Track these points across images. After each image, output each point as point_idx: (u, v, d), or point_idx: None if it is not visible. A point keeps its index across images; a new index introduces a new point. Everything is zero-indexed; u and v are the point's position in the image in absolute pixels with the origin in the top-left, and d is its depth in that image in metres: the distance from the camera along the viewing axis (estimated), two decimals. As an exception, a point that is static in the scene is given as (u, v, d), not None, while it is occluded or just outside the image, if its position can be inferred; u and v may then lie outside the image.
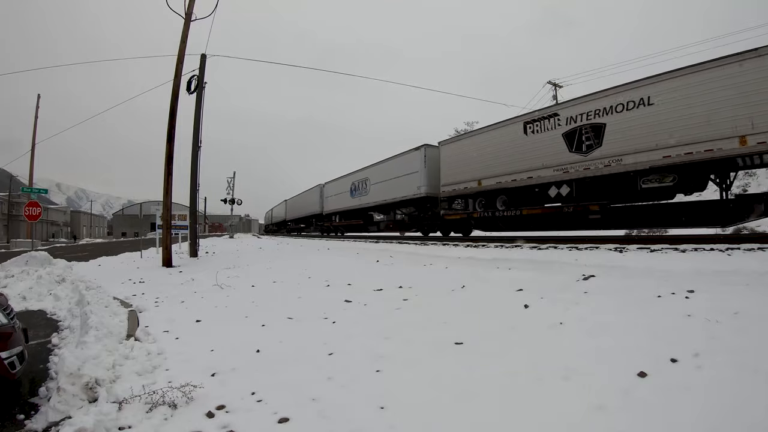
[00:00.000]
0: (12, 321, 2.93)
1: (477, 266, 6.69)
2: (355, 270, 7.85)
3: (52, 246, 28.48)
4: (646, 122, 9.80)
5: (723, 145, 8.57)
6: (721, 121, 8.60)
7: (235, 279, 7.96)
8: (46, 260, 8.81)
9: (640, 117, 9.89)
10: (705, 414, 1.95)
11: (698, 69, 9.11)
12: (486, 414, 2.22)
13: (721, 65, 8.70)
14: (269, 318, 4.67)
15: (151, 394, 2.57)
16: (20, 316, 3.98)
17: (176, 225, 15.64)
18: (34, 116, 29.24)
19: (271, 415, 2.37)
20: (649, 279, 4.34)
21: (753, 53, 8.32)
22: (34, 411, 2.66)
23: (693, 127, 8.99)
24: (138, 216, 71.48)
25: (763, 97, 8.03)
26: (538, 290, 4.42)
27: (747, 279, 3.88)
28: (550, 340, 3.09)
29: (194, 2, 11.83)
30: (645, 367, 2.41)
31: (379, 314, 4.44)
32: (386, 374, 2.84)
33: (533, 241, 9.90)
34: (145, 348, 3.63)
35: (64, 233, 62.45)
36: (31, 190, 20.78)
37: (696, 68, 9.16)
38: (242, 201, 39.47)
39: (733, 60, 8.53)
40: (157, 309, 5.50)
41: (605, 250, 7.26)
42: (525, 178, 12.55)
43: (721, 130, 8.60)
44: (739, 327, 2.75)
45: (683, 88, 9.25)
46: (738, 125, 8.35)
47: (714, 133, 8.68)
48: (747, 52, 8.41)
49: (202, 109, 13.46)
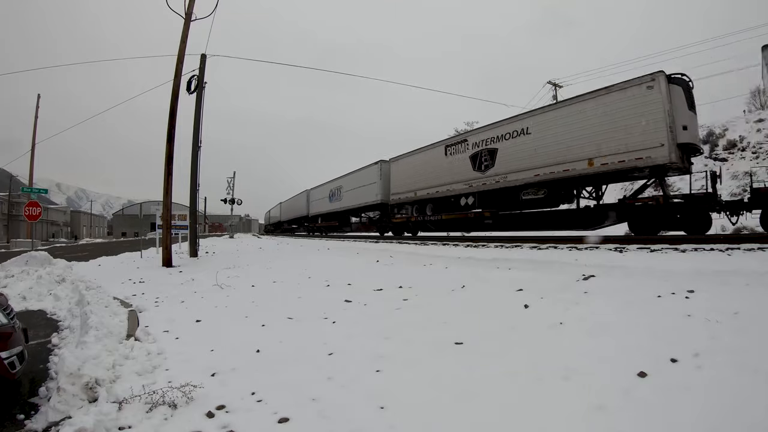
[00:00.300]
0: (12, 321, 2.93)
1: (477, 266, 6.69)
2: (355, 270, 7.85)
3: (52, 246, 28.48)
4: (525, 148, 12.51)
5: (576, 166, 11.01)
6: (577, 147, 10.97)
7: (235, 279, 7.96)
8: (46, 260, 8.81)
9: (521, 143, 12.65)
10: (705, 414, 1.95)
11: (561, 105, 11.82)
12: (486, 414, 2.22)
13: (578, 102, 11.18)
14: (269, 318, 4.67)
15: (151, 394, 2.57)
16: (20, 316, 3.98)
17: (176, 225, 15.63)
18: (34, 116, 29.25)
19: (271, 415, 2.37)
20: (649, 279, 4.34)
21: (603, 91, 10.55)
22: (34, 411, 2.65)
23: (557, 151, 11.45)
24: (138, 216, 71.46)
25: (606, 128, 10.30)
26: (538, 290, 4.42)
27: (747, 279, 3.88)
28: (550, 340, 3.09)
29: (194, 2, 11.84)
30: (645, 367, 2.41)
31: (379, 314, 4.44)
32: (386, 374, 2.84)
33: (532, 241, 9.93)
34: (145, 348, 3.63)
35: (64, 233, 62.46)
36: (31, 190, 20.79)
37: (560, 104, 11.94)
38: (242, 201, 39.51)
39: (588, 97, 10.87)
40: (157, 309, 5.50)
41: (605, 250, 7.26)
42: (445, 190, 15.81)
43: (576, 154, 10.97)
44: (739, 327, 2.75)
45: (551, 120, 11.74)
46: (587, 151, 10.69)
47: (571, 156, 11.08)
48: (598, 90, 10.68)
49: (202, 109, 13.46)
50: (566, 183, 11.60)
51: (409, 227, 19.01)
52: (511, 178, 12.95)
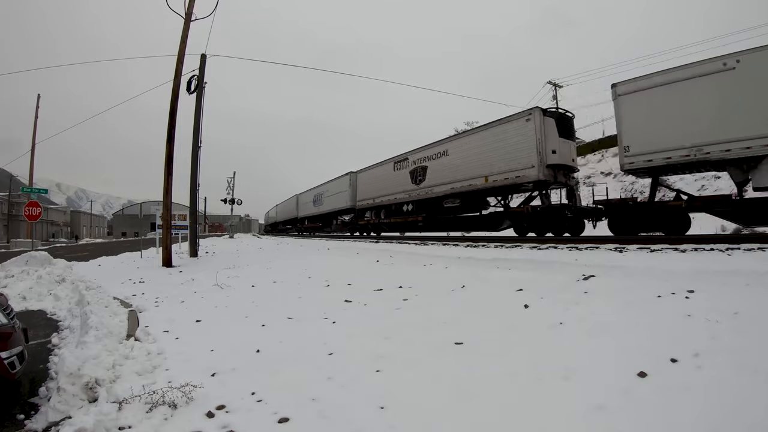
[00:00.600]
0: (12, 321, 2.93)
1: (477, 266, 6.69)
2: (355, 270, 7.85)
3: (52, 246, 28.48)
4: (445, 166, 15.88)
5: (477, 181, 14.18)
6: (477, 167, 14.07)
7: (235, 279, 7.96)
8: (46, 260, 8.81)
9: (443, 163, 16.07)
10: (705, 414, 1.95)
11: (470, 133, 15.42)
12: (486, 414, 2.22)
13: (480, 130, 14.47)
14: (269, 318, 4.68)
15: (151, 394, 2.56)
16: (20, 316, 3.98)
17: (176, 225, 15.63)
18: (34, 116, 29.27)
19: (271, 415, 2.37)
20: (649, 279, 4.34)
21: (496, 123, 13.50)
22: (34, 411, 2.65)
23: (466, 169, 14.65)
24: (138, 216, 71.48)
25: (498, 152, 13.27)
26: (538, 290, 4.42)
27: (747, 279, 3.87)
28: (550, 340, 3.09)
29: (194, 2, 11.84)
30: (645, 367, 2.41)
31: (379, 314, 4.44)
32: (386, 374, 2.84)
33: (532, 242, 9.94)
34: (145, 348, 3.63)
35: (64, 233, 62.46)
36: (31, 190, 20.78)
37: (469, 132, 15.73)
38: (242, 201, 39.56)
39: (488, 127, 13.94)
40: (157, 309, 5.50)
41: (605, 250, 7.26)
42: (393, 199, 19.59)
43: (477, 172, 14.12)
44: (739, 327, 2.75)
45: (463, 145, 15.12)
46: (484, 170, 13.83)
47: (474, 174, 14.26)
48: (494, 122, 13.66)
49: (202, 109, 13.46)
50: (473, 194, 14.74)
51: (369, 228, 23.09)
52: (436, 190, 16.43)
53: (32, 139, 28.70)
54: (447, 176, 15.72)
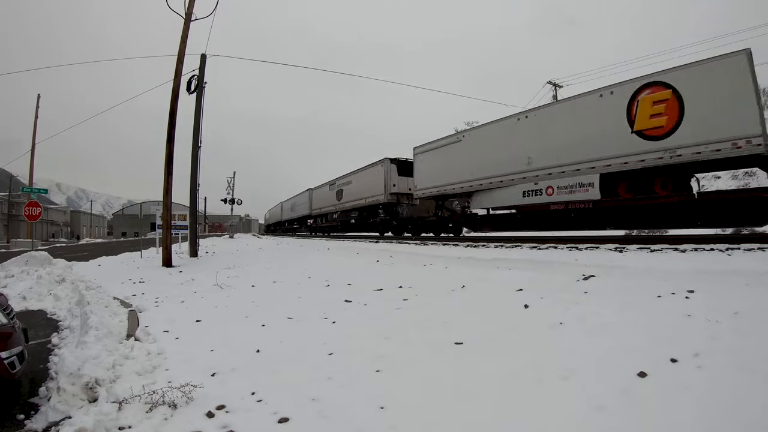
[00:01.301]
0: (12, 321, 2.93)
1: (477, 266, 6.69)
2: (355, 270, 7.86)
3: (52, 246, 28.48)
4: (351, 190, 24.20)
5: (360, 202, 22.57)
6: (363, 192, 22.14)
7: (235, 279, 7.97)
8: (46, 260, 8.80)
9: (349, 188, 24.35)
10: (705, 414, 1.95)
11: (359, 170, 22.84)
12: (486, 414, 2.22)
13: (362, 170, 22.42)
14: (269, 318, 4.68)
15: (151, 394, 2.56)
16: (20, 316, 3.98)
17: (176, 225, 15.62)
18: (34, 116, 29.25)
19: (271, 415, 2.37)
20: (649, 279, 4.34)
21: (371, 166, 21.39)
22: (34, 411, 2.65)
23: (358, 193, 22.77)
24: (138, 216, 71.49)
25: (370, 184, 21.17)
26: (538, 290, 4.43)
27: (747, 279, 3.87)
28: (550, 340, 3.09)
29: (194, 2, 11.84)
30: (645, 367, 2.41)
31: (379, 314, 4.44)
32: (386, 374, 2.84)
33: (531, 242, 9.94)
34: (145, 348, 3.63)
35: (64, 233, 62.46)
36: (31, 190, 20.80)
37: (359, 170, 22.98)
38: (242, 201, 39.68)
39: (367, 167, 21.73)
40: (157, 309, 5.50)
41: (605, 250, 7.26)
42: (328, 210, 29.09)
43: (362, 195, 22.12)
44: (739, 327, 2.75)
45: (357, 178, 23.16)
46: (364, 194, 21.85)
47: (361, 196, 22.32)
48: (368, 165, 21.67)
49: (202, 109, 13.46)
50: (363, 209, 22.85)
51: (315, 229, 33.45)
52: (347, 205, 25.17)
53: (32, 139, 28.71)
54: (352, 196, 24.17)
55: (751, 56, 8.18)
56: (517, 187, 12.60)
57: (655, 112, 9.39)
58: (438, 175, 15.71)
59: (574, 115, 11.04)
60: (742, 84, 8.25)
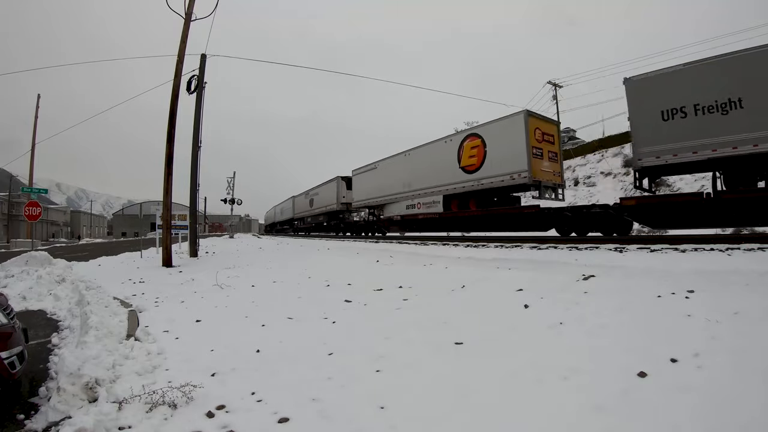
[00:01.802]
0: (12, 321, 2.93)
1: (477, 266, 6.69)
2: (355, 270, 7.86)
3: (52, 246, 28.48)
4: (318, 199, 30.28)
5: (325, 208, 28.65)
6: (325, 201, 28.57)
7: (235, 279, 7.96)
8: (46, 260, 8.80)
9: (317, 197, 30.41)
10: (705, 414, 1.95)
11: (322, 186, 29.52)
12: (486, 414, 2.22)
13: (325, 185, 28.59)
14: (269, 318, 4.68)
15: (151, 394, 2.56)
16: (20, 316, 3.98)
17: (176, 225, 15.63)
18: (34, 116, 29.25)
19: (271, 415, 2.37)
20: (649, 279, 4.34)
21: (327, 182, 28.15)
22: (34, 411, 2.65)
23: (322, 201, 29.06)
24: (138, 216, 71.51)
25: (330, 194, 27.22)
26: (538, 290, 4.42)
27: (747, 279, 3.88)
28: (550, 340, 3.09)
29: (194, 2, 11.84)
30: (645, 367, 2.41)
31: (379, 314, 4.44)
32: (386, 374, 2.84)
33: (531, 242, 9.94)
34: (145, 348, 3.63)
35: (64, 233, 62.46)
36: (31, 190, 20.78)
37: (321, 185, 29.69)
38: (242, 201, 39.74)
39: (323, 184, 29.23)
40: (157, 309, 5.50)
41: (605, 250, 7.26)
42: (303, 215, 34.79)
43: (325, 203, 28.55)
44: (739, 327, 2.75)
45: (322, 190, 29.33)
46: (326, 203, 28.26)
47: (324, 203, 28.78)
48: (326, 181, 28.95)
49: (202, 109, 13.46)
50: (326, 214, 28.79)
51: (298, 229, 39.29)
52: (316, 212, 30.89)
53: (32, 139, 28.71)
54: (318, 204, 30.06)
55: (527, 116, 12.42)
56: (401, 203, 18.53)
57: (471, 154, 14.29)
58: (365, 192, 21.89)
59: (431, 154, 16.35)
60: (519, 136, 12.41)
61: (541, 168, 12.51)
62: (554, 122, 13.75)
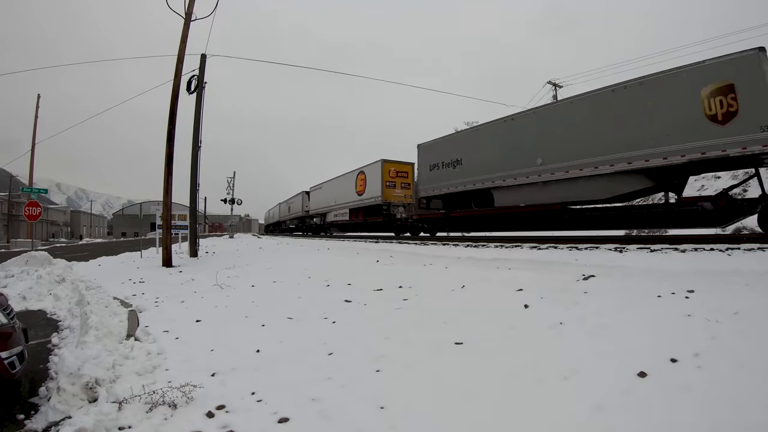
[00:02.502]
0: (12, 321, 2.93)
1: (477, 266, 6.68)
2: (355, 270, 7.85)
3: (52, 246, 28.48)
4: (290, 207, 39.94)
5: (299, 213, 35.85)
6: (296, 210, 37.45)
7: (235, 279, 7.97)
8: (46, 260, 8.80)
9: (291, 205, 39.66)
10: (705, 414, 1.95)
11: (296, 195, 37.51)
12: (486, 414, 2.22)
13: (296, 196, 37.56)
14: (269, 318, 4.68)
15: (151, 394, 2.56)
16: (20, 316, 3.98)
17: (176, 225, 15.63)
18: (34, 116, 29.25)
19: (271, 415, 2.37)
20: (649, 279, 4.33)
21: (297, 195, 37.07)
22: (34, 411, 2.65)
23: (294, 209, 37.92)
24: (138, 216, 71.50)
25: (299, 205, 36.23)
26: (538, 290, 4.42)
27: (747, 279, 3.87)
28: (550, 340, 3.09)
29: (194, 2, 11.84)
30: (645, 367, 2.41)
31: (379, 314, 4.44)
32: (386, 374, 2.84)
33: (531, 241, 9.95)
34: (145, 348, 3.63)
35: (64, 233, 62.47)
36: (31, 190, 20.78)
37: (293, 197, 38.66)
38: (242, 201, 39.77)
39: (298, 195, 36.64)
40: (157, 309, 5.50)
41: (605, 250, 7.25)
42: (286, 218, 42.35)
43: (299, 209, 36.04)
44: (739, 327, 2.75)
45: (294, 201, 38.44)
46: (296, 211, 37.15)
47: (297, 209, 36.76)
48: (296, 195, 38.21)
49: (202, 109, 13.47)
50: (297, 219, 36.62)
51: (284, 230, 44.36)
52: (292, 216, 38.55)
53: (32, 139, 28.72)
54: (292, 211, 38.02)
55: (383, 162, 19.98)
56: (332, 213, 26.61)
57: (360, 184, 22.14)
58: (316, 203, 30.03)
59: (344, 182, 24.31)
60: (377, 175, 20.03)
61: (393, 194, 19.86)
62: (410, 164, 20.48)
